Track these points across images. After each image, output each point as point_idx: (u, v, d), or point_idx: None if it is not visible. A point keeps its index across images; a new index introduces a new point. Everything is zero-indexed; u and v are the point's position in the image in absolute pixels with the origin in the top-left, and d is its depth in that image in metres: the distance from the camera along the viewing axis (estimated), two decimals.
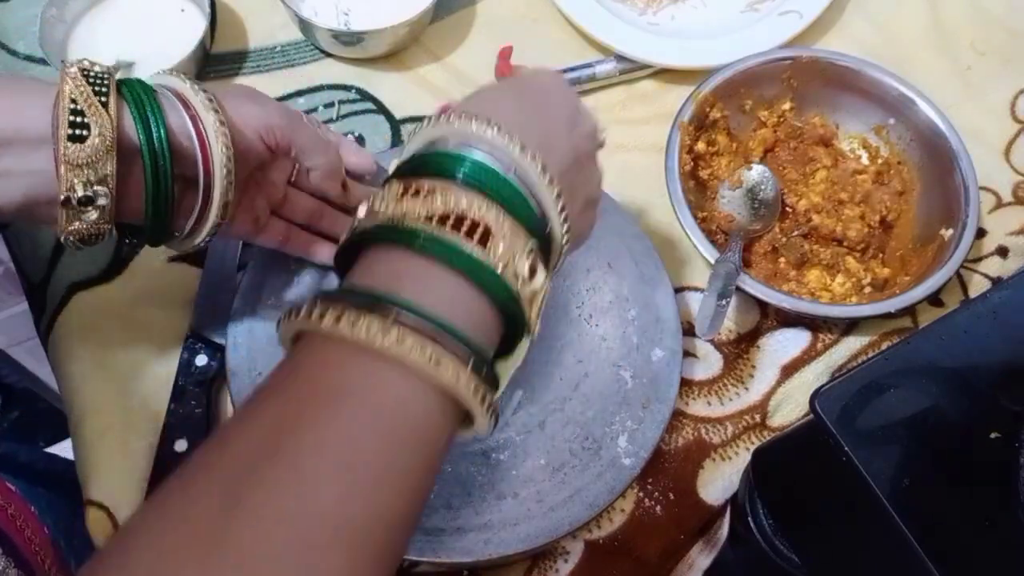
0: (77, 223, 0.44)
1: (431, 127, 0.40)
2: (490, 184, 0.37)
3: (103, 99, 0.43)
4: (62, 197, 0.42)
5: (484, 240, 0.36)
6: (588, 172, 0.45)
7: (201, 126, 0.45)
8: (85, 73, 0.43)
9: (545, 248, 0.39)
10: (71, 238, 0.44)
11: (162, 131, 0.44)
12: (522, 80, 0.46)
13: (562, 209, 0.39)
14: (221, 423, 0.36)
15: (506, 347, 0.38)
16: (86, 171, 0.42)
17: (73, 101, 0.42)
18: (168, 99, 0.46)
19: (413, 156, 0.40)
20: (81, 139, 0.42)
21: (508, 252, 0.36)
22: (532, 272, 0.37)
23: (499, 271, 0.35)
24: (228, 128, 0.46)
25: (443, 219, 0.35)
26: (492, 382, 0.35)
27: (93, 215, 0.44)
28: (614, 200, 0.61)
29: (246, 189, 0.52)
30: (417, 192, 0.36)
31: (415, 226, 0.35)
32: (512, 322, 0.37)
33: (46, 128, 0.42)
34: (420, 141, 0.40)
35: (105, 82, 0.44)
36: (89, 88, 0.43)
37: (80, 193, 0.42)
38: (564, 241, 0.41)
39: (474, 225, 0.36)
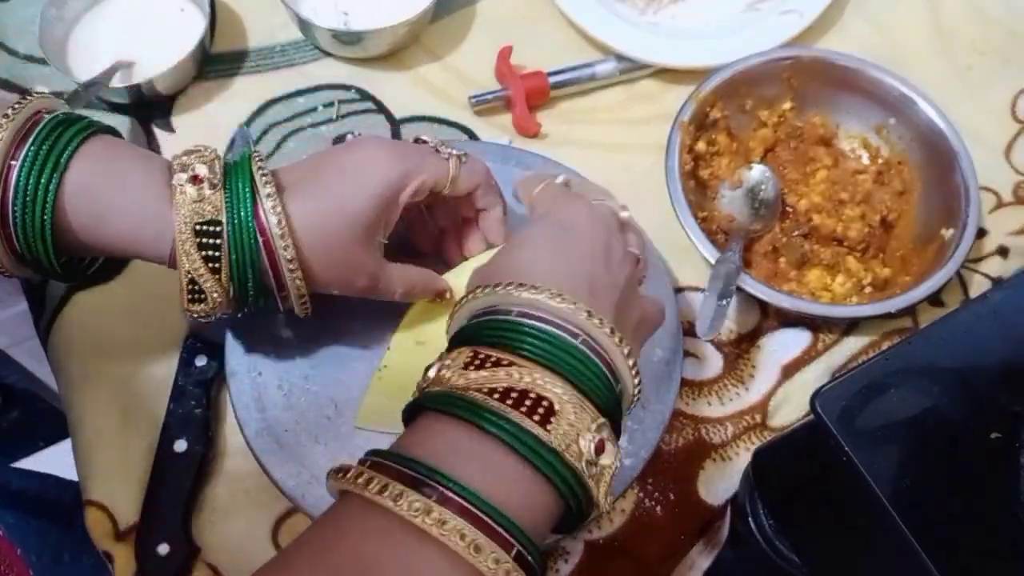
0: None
1: (487, 295, 0.40)
2: (555, 356, 0.37)
3: (215, 265, 0.45)
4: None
5: (549, 417, 0.35)
6: (633, 297, 0.45)
7: (275, 252, 0.46)
8: (197, 230, 0.45)
9: (616, 411, 0.39)
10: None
11: (255, 279, 0.47)
12: (550, 220, 0.46)
13: (633, 364, 0.40)
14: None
15: (572, 522, 0.38)
16: (208, 313, 0.47)
17: (189, 275, 0.45)
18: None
19: (478, 323, 0.40)
20: (200, 301, 0.46)
21: (573, 431, 0.35)
22: (600, 449, 0.36)
23: (561, 451, 0.35)
24: (304, 251, 0.46)
25: (506, 393, 0.35)
26: (536, 569, 0.34)
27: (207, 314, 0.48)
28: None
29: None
30: (483, 363, 0.37)
31: (475, 399, 0.35)
32: (575, 499, 0.36)
33: (164, 258, 0.46)
34: (477, 306, 0.41)
35: (217, 242, 0.45)
36: (201, 259, 0.45)
37: (203, 320, 0.48)
38: (636, 391, 0.41)
39: (538, 401, 0.35)
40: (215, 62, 0.70)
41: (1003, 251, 0.64)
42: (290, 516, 0.54)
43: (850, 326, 0.61)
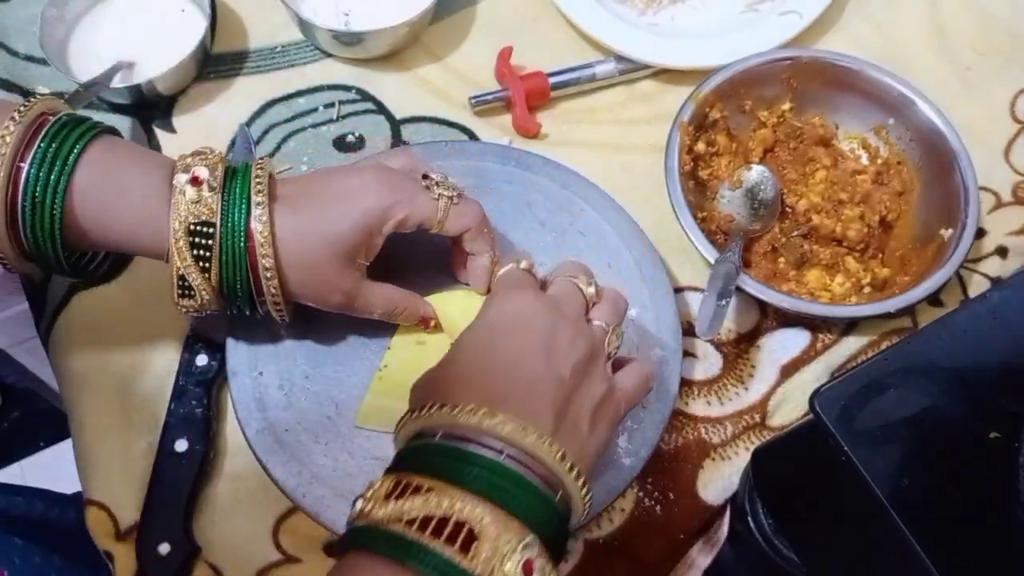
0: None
1: (415, 420, 0.40)
2: (474, 476, 0.37)
3: (205, 265, 0.47)
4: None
5: (470, 542, 0.35)
6: (589, 382, 0.44)
7: (257, 257, 0.48)
8: (190, 230, 0.46)
9: (554, 522, 0.39)
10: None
11: (242, 282, 0.48)
12: (487, 321, 0.45)
13: (572, 469, 0.39)
14: None
15: None
16: (196, 309, 0.49)
17: (180, 271, 0.47)
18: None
19: (405, 449, 0.41)
20: (189, 296, 0.49)
21: (496, 555, 0.35)
22: (528, 569, 0.35)
23: None
24: (283, 259, 0.48)
25: (425, 522, 0.35)
26: None
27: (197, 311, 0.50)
28: (614, 200, 0.61)
29: None
30: (403, 491, 0.37)
31: (394, 532, 0.35)
32: None
33: (163, 255, 0.48)
34: (410, 431, 0.41)
35: (209, 243, 0.47)
36: (192, 258, 0.47)
37: (192, 314, 0.50)
38: (584, 495, 0.40)
39: (458, 527, 0.35)
40: (216, 62, 0.70)
41: (1002, 251, 0.64)
42: (290, 516, 0.54)
43: (849, 326, 0.61)
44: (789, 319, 0.61)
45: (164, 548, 0.51)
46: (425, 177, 0.52)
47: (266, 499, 0.54)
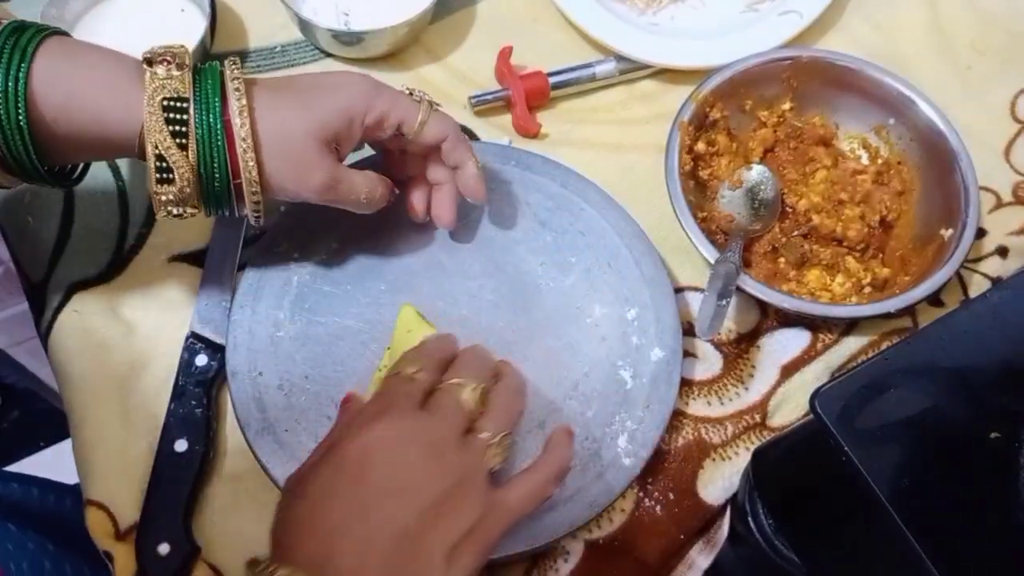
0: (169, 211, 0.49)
1: None
2: None
3: (182, 141, 0.46)
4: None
5: None
6: (449, 521, 0.41)
7: (233, 134, 0.47)
8: (165, 105, 0.46)
9: None
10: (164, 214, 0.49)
11: (220, 160, 0.48)
12: (339, 454, 0.42)
13: None
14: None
15: None
16: (177, 197, 0.48)
17: (157, 150, 0.46)
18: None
19: None
20: (169, 181, 0.47)
21: None
22: None
23: None
24: (262, 138, 0.48)
25: None
26: None
27: (178, 208, 0.49)
28: (614, 200, 0.61)
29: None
30: None
31: None
32: None
33: (133, 141, 0.47)
34: None
35: (184, 107, 0.46)
36: (169, 133, 0.46)
37: (171, 208, 0.49)
38: None
39: None
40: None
41: (1002, 251, 0.64)
42: None
43: (849, 326, 0.61)
44: (789, 319, 0.61)
45: (164, 548, 0.51)
46: (409, 92, 0.53)
47: (266, 499, 0.54)
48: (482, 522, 0.42)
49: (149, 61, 0.47)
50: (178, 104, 0.46)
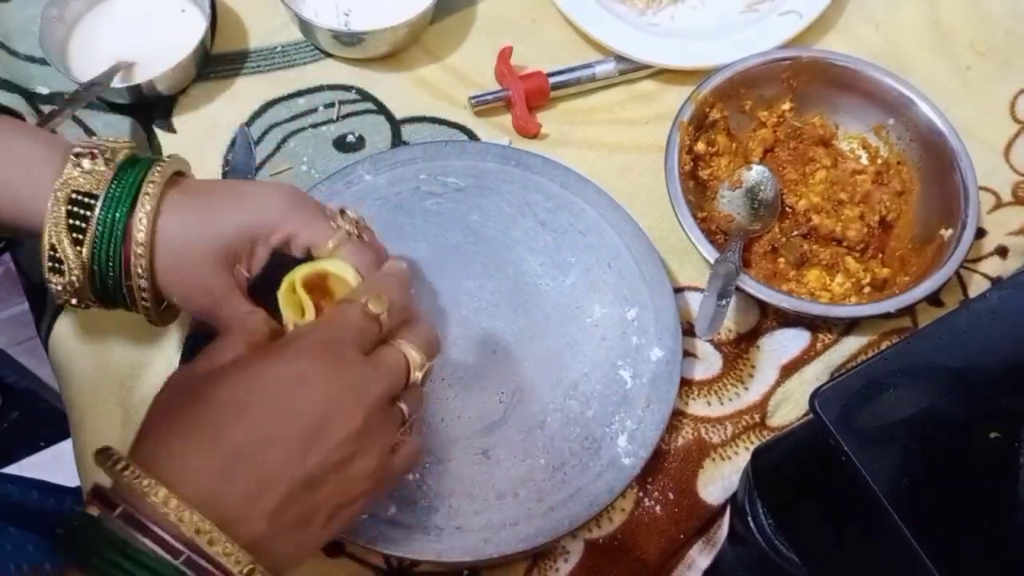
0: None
1: (109, 468, 0.35)
2: None
3: (78, 237, 0.46)
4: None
5: None
6: (345, 482, 0.39)
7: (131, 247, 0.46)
8: (72, 199, 0.45)
9: None
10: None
11: (116, 265, 0.47)
12: (263, 374, 0.38)
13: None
14: None
15: None
16: (67, 288, 0.47)
17: (51, 240, 0.46)
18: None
19: (71, 519, 0.35)
20: (59, 272, 0.47)
21: None
22: None
23: None
24: (159, 245, 0.47)
25: None
26: None
27: (75, 300, 0.49)
28: (614, 200, 0.61)
29: None
30: None
31: None
32: None
33: (39, 219, 0.46)
34: (101, 482, 0.36)
35: (87, 214, 0.46)
36: (66, 227, 0.46)
37: (65, 298, 0.48)
38: None
39: None
40: (216, 63, 0.70)
41: (1002, 251, 0.64)
42: None
43: (849, 326, 0.61)
44: (789, 319, 0.61)
45: None
46: (342, 213, 0.50)
47: None
48: (372, 491, 0.41)
49: (78, 154, 0.46)
50: (84, 199, 0.46)
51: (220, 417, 0.37)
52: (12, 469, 1.31)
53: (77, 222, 0.46)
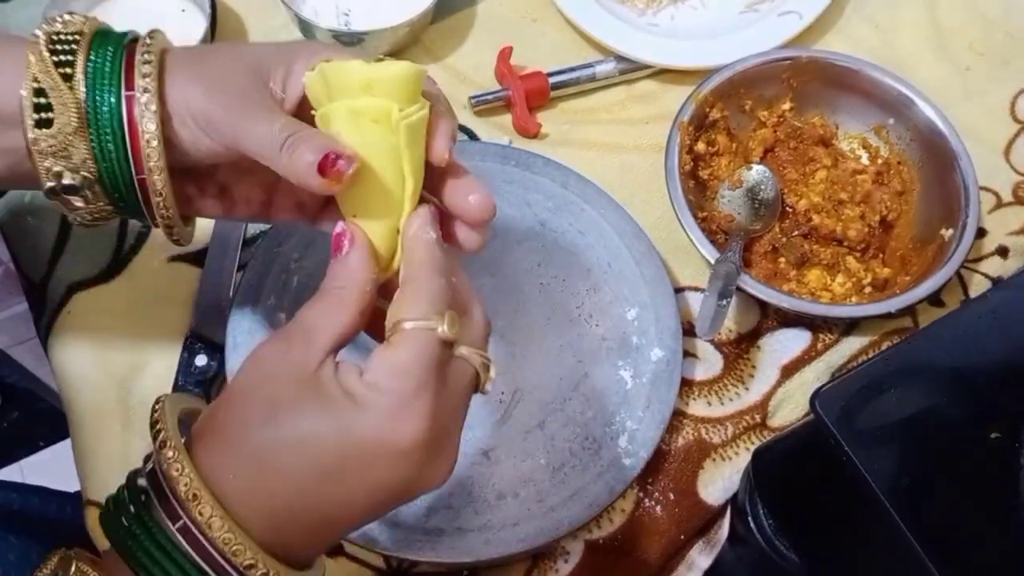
0: (76, 208, 0.40)
1: (166, 452, 0.33)
2: None
3: (68, 71, 0.37)
4: (46, 186, 0.38)
5: None
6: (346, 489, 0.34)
7: (136, 110, 0.38)
8: (53, 39, 0.38)
9: None
10: (78, 220, 0.41)
11: (115, 111, 0.38)
12: (339, 438, 0.34)
13: None
14: None
15: None
16: (60, 159, 0.38)
17: (36, 80, 0.37)
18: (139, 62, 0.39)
19: (122, 518, 0.34)
20: (48, 123, 0.37)
21: None
22: None
23: None
24: (163, 115, 0.38)
25: None
26: None
27: (82, 202, 0.40)
28: (614, 200, 0.61)
29: (237, 173, 0.44)
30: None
31: None
32: None
33: (17, 106, 0.37)
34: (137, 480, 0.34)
35: (73, 47, 0.38)
36: (52, 63, 0.37)
37: (64, 181, 0.38)
38: None
39: None
40: None
41: (1003, 251, 0.64)
42: None
43: (850, 326, 0.61)
44: (789, 319, 0.61)
45: None
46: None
47: None
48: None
49: (50, 19, 0.40)
50: (70, 38, 0.38)
51: (300, 474, 0.33)
52: (12, 469, 1.31)
53: (63, 57, 0.38)
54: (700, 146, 0.64)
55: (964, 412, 0.43)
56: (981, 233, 0.64)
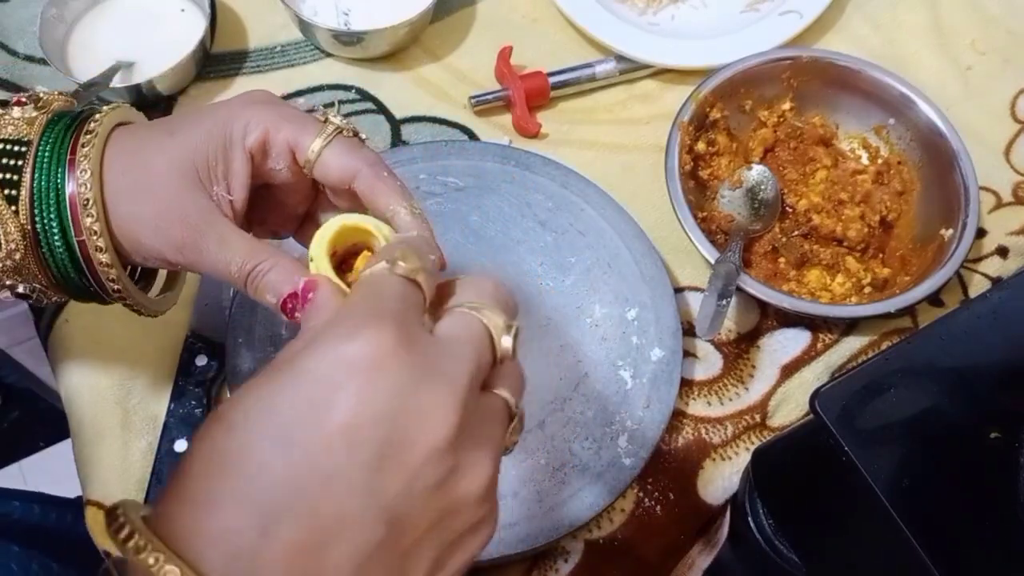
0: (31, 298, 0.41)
1: (120, 543, 0.25)
2: None
3: (13, 192, 0.38)
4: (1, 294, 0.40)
5: None
6: (451, 520, 0.28)
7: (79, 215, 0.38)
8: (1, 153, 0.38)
9: None
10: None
11: (56, 234, 0.38)
12: (298, 380, 0.27)
13: None
14: None
15: None
16: (11, 275, 0.39)
17: None
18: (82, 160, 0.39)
19: None
20: None
21: None
22: None
23: None
24: (115, 243, 0.39)
25: None
26: None
27: (37, 297, 0.41)
28: (614, 200, 0.61)
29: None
30: None
31: None
32: None
33: None
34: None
35: (19, 166, 0.38)
36: None
37: (18, 291, 0.40)
38: None
39: None
40: (215, 62, 0.70)
41: (1003, 251, 0.64)
42: None
43: (850, 326, 0.61)
44: (789, 319, 0.61)
45: None
46: (324, 114, 0.40)
47: None
48: (488, 520, 0.30)
49: (3, 102, 0.40)
50: (15, 148, 0.38)
51: (253, 453, 0.26)
52: (12, 469, 1.31)
53: (8, 175, 0.37)
54: (700, 146, 0.64)
55: (964, 412, 0.43)
56: (981, 233, 0.64)
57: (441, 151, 0.63)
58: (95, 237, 0.38)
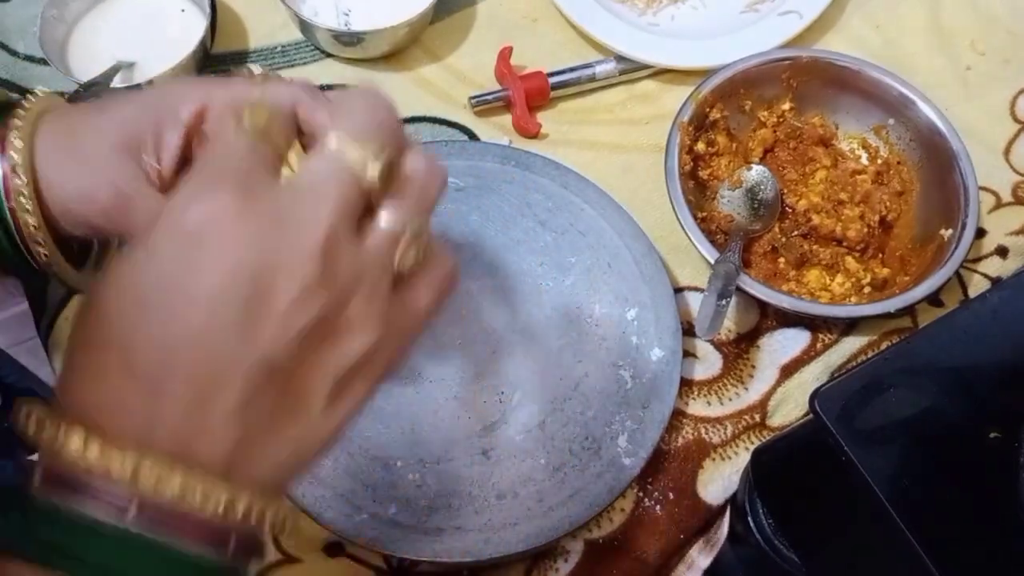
0: None
1: (34, 427, 0.27)
2: (93, 562, 0.26)
3: None
4: None
5: None
6: (332, 351, 0.29)
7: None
8: None
9: None
10: None
11: None
12: (153, 251, 0.28)
13: (249, 509, 0.27)
14: None
15: None
16: None
17: None
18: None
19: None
20: None
21: None
22: None
23: None
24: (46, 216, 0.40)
25: None
26: None
27: None
28: (614, 200, 0.61)
29: None
30: None
31: None
32: None
33: None
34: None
35: None
36: None
37: None
38: (281, 522, 0.28)
39: None
40: (216, 62, 0.70)
41: (1002, 251, 0.64)
42: None
43: (849, 326, 0.61)
44: (789, 319, 0.61)
45: None
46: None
47: None
48: (374, 353, 0.29)
49: None
50: None
51: (123, 326, 0.27)
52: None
53: None
54: (700, 146, 0.64)
55: (964, 412, 0.43)
56: (981, 233, 0.64)
57: (441, 151, 0.63)
58: (23, 199, 0.40)
